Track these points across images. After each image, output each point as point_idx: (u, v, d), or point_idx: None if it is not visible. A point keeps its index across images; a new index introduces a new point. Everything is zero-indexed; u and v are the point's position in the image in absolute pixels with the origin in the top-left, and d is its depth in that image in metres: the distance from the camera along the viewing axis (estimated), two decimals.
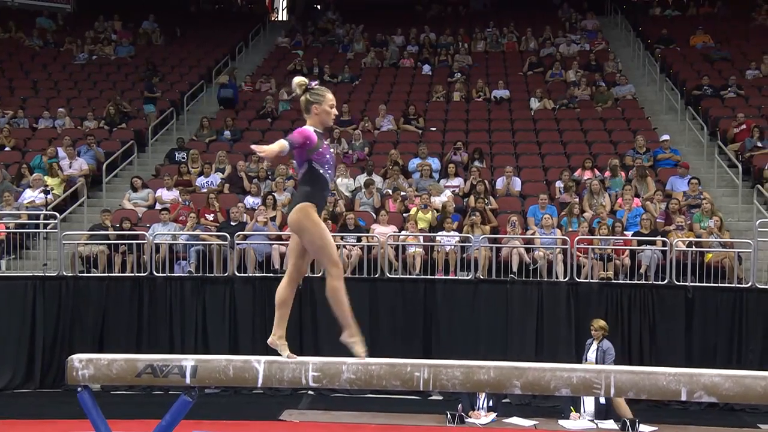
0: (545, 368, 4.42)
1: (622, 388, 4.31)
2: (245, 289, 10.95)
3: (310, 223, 4.40)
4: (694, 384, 4.23)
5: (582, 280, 10.65)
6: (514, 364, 4.50)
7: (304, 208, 4.42)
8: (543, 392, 4.46)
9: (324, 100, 4.47)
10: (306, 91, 4.48)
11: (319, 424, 9.29)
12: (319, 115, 4.47)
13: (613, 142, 14.89)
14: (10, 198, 12.03)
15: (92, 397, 4.62)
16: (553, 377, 4.34)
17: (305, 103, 4.47)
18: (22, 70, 18.45)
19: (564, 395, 4.60)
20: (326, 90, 4.53)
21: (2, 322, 10.68)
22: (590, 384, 4.32)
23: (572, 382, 4.33)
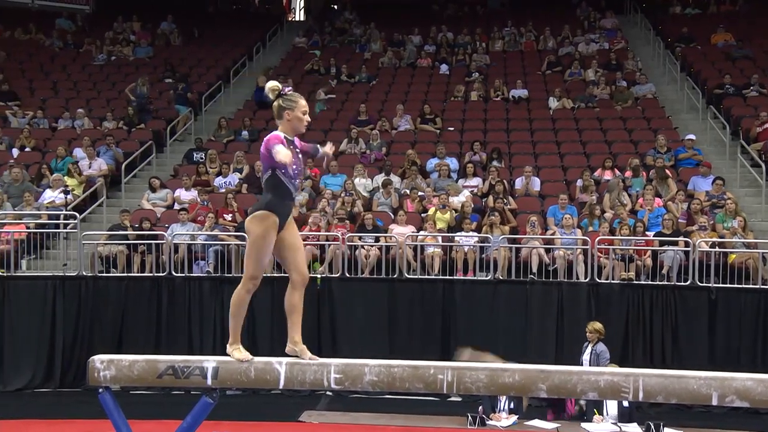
0: (572, 371, 4.39)
1: (650, 392, 4.23)
2: (263, 289, 10.73)
3: (258, 232, 4.40)
4: (726, 388, 4.16)
5: (603, 281, 10.56)
6: (539, 366, 4.45)
7: (261, 216, 4.41)
8: (569, 395, 4.51)
9: (297, 107, 4.43)
10: (279, 96, 4.45)
11: (339, 425, 9.27)
12: (291, 121, 4.43)
13: (634, 141, 14.76)
14: (31, 198, 12.13)
15: (113, 398, 4.64)
16: (579, 380, 4.29)
17: (277, 108, 4.44)
18: (42, 71, 18.60)
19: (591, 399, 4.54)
20: (299, 96, 4.50)
21: (23, 321, 10.75)
22: (618, 388, 4.24)
23: (599, 386, 4.27)
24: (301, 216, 12.06)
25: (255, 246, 4.43)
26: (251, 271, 4.46)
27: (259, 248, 4.41)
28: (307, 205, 12.59)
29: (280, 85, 4.48)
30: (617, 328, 10.46)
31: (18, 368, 10.71)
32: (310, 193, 12.95)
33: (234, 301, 4.52)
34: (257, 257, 4.43)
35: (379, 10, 22.04)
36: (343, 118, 16.17)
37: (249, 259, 4.46)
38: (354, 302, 10.91)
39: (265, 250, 4.43)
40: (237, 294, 4.51)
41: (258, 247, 4.42)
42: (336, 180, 13.20)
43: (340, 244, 10.91)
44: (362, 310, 10.87)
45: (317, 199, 12.66)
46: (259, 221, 4.40)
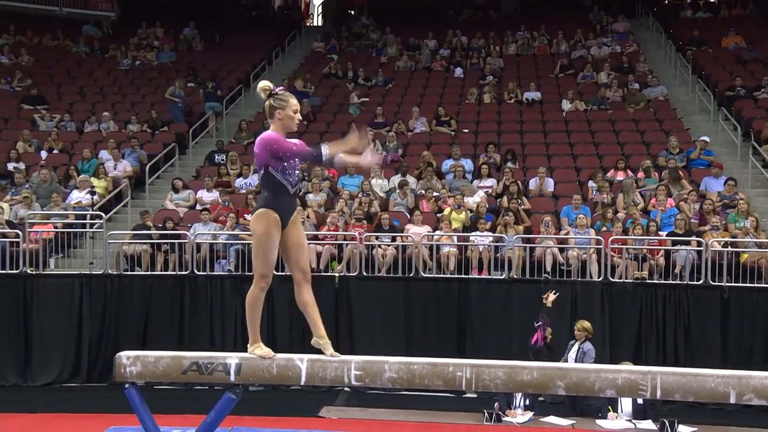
0: (589, 369, 4.40)
1: (668, 389, 4.21)
2: (283, 287, 10.95)
3: (262, 231, 4.45)
4: (744, 386, 4.14)
5: (616, 280, 10.69)
6: (557, 365, 4.47)
7: (260, 214, 4.47)
8: (587, 393, 4.40)
9: (288, 106, 4.45)
10: (270, 96, 4.47)
11: (358, 421, 9.34)
12: (282, 120, 4.46)
13: (646, 143, 14.90)
14: (59, 199, 12.37)
15: (139, 393, 4.71)
16: (597, 378, 4.28)
17: (269, 108, 4.47)
18: (69, 76, 18.91)
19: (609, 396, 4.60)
20: (290, 95, 4.52)
21: (51, 318, 10.99)
22: (636, 385, 4.24)
23: (617, 384, 4.26)
24: (319, 216, 12.33)
25: (260, 244, 4.47)
26: (260, 269, 4.50)
27: (264, 246, 4.45)
28: (325, 205, 12.81)
29: (272, 85, 4.52)
30: (630, 327, 10.59)
31: (46, 364, 10.95)
32: (328, 193, 13.16)
33: (248, 301, 4.55)
34: (264, 255, 4.47)
35: (395, 15, 22.25)
36: (360, 120, 16.38)
37: (257, 259, 4.52)
38: (371, 300, 11.07)
39: (270, 247, 4.46)
40: (250, 294, 4.54)
41: (263, 245, 4.46)
42: (353, 181, 13.43)
43: (357, 243, 11.09)
44: (379, 308, 11.03)
45: (335, 199, 12.87)
46: (260, 219, 4.45)
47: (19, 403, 9.92)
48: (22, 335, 11.01)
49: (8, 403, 9.90)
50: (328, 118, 16.87)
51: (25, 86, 17.47)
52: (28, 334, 11.02)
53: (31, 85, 17.38)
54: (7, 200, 12.50)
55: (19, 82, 17.67)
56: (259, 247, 4.47)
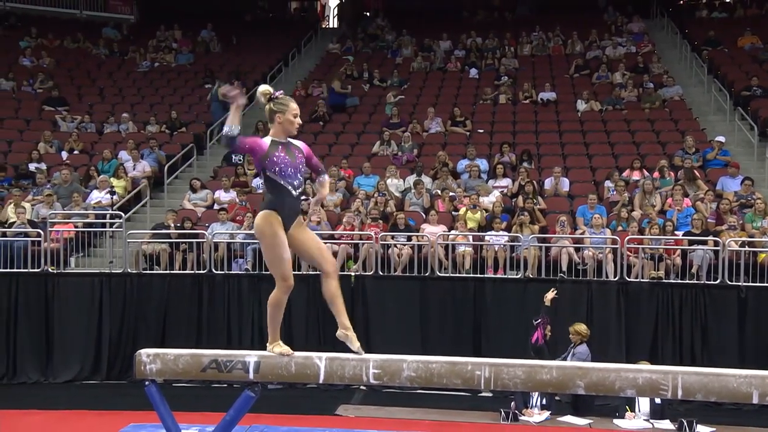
0: (609, 368, 4.33)
1: (689, 389, 4.17)
2: (299, 287, 10.95)
3: (268, 232, 4.47)
4: (767, 386, 4.10)
5: (632, 280, 10.69)
6: (577, 363, 4.48)
7: (264, 216, 4.49)
8: (607, 393, 4.37)
9: (288, 110, 4.49)
10: (270, 100, 4.50)
11: (375, 419, 9.35)
12: (282, 124, 4.50)
13: (662, 142, 14.87)
14: (79, 198, 12.52)
15: (159, 391, 4.74)
16: (618, 378, 4.24)
17: (269, 112, 4.50)
18: (89, 78, 19.11)
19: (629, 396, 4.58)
20: (290, 99, 4.55)
21: (72, 316, 11.13)
22: (657, 385, 4.21)
23: (638, 383, 4.22)
24: (335, 216, 12.42)
25: (269, 246, 4.49)
26: (280, 271, 4.51)
27: (274, 246, 4.46)
28: (341, 205, 12.90)
29: (272, 89, 4.54)
30: (646, 326, 10.59)
31: (67, 361, 11.10)
32: (344, 193, 13.25)
33: (272, 303, 4.59)
34: (279, 255, 4.48)
35: (410, 16, 22.30)
36: (376, 121, 16.49)
37: (273, 261, 4.52)
38: (387, 300, 11.13)
39: (281, 246, 4.46)
40: (275, 297, 4.57)
41: (272, 246, 4.47)
42: (369, 181, 13.51)
43: (373, 243, 11.16)
44: (395, 307, 11.08)
45: (351, 199, 12.95)
46: (265, 221, 4.47)
47: (41, 399, 10.06)
48: (44, 333, 11.15)
49: (30, 399, 10.06)
50: (343, 119, 16.97)
51: (47, 88, 17.70)
52: (49, 332, 11.16)
53: (52, 87, 17.61)
54: (29, 200, 12.66)
55: (41, 84, 17.90)
56: (271, 248, 4.49)
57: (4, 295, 11.06)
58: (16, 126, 16.42)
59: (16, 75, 18.11)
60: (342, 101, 17.10)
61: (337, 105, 17.03)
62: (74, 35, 20.75)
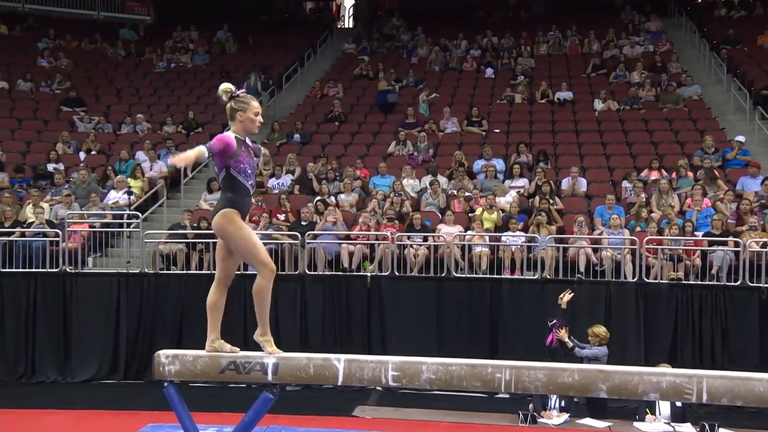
0: (632, 372, 4.29)
1: (715, 393, 4.10)
2: (315, 287, 11.24)
3: (234, 228, 4.45)
4: None
5: (651, 281, 10.60)
6: (599, 367, 4.37)
7: (226, 213, 4.46)
8: (630, 396, 4.31)
9: (249, 108, 4.51)
10: (232, 98, 4.52)
11: (392, 420, 9.35)
12: (243, 122, 4.51)
13: (680, 142, 14.75)
14: (97, 199, 12.59)
15: (178, 392, 4.73)
16: (641, 381, 4.19)
17: (230, 110, 4.51)
18: (106, 78, 19.22)
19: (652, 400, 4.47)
20: (251, 98, 4.57)
21: (89, 316, 11.18)
22: (681, 389, 4.14)
23: (661, 387, 4.16)
24: (351, 216, 12.41)
25: (242, 238, 4.47)
26: (258, 258, 4.47)
27: (244, 237, 4.46)
28: (357, 205, 12.89)
29: (233, 87, 4.56)
30: (666, 328, 10.49)
31: (85, 360, 11.14)
32: (360, 193, 13.24)
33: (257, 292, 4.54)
34: (251, 244, 4.47)
35: (425, 16, 22.25)
36: (392, 121, 16.46)
37: (248, 252, 4.48)
38: (403, 300, 11.10)
39: (251, 234, 4.52)
40: (259, 285, 4.51)
41: (242, 237, 4.47)
42: (385, 181, 13.49)
43: (389, 243, 11.14)
44: (411, 307, 11.05)
45: (367, 199, 12.94)
46: (229, 219, 4.46)
47: (59, 399, 10.12)
48: (62, 333, 11.21)
49: (48, 399, 10.12)
50: (359, 119, 16.95)
51: (64, 89, 17.82)
52: (67, 332, 11.22)
53: (69, 88, 17.72)
54: (48, 200, 12.74)
55: (59, 85, 18.02)
56: (243, 239, 4.47)
57: (23, 295, 11.13)
58: (34, 126, 16.54)
59: (34, 76, 18.26)
60: (384, 99, 16.93)
61: (382, 104, 16.86)
62: (92, 36, 20.88)
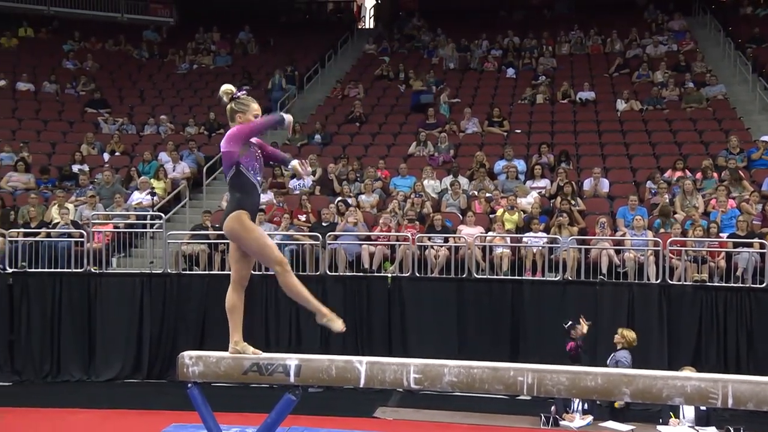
0: (656, 376, 4.24)
1: (740, 398, 4.01)
2: (336, 288, 11.27)
3: (244, 230, 4.45)
4: None
5: (675, 283, 10.49)
6: (623, 370, 4.31)
7: (237, 216, 4.47)
8: (654, 401, 4.26)
9: (249, 110, 4.53)
10: (232, 100, 4.56)
11: (414, 422, 9.37)
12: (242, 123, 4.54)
13: (704, 142, 14.59)
14: (121, 199, 12.71)
15: (201, 393, 4.76)
16: (665, 386, 4.12)
17: (230, 111, 4.55)
18: (130, 80, 19.45)
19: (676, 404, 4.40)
20: (252, 100, 4.59)
21: (113, 316, 11.30)
22: (706, 394, 4.07)
23: (686, 391, 4.10)
24: (371, 217, 12.43)
25: (254, 239, 4.48)
26: (272, 257, 4.49)
27: (256, 239, 4.49)
28: (377, 206, 12.90)
29: (234, 89, 4.60)
30: (689, 331, 10.38)
31: (109, 360, 11.27)
32: (380, 194, 13.25)
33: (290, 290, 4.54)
34: (262, 245, 4.49)
35: (446, 16, 22.22)
36: (412, 121, 16.45)
37: (259, 252, 4.51)
38: (423, 301, 11.10)
39: (262, 235, 4.55)
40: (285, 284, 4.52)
41: (254, 239, 4.48)
42: (405, 182, 13.49)
43: (410, 244, 11.15)
44: (431, 308, 11.04)
45: (387, 200, 12.95)
46: (239, 221, 4.46)
47: (83, 398, 10.26)
48: (86, 332, 11.35)
49: (73, 397, 10.26)
50: (379, 120, 16.96)
51: (89, 90, 18.05)
52: (92, 331, 11.35)
53: (94, 89, 17.96)
54: (72, 201, 12.88)
55: (83, 87, 18.25)
56: (255, 240, 4.49)
57: (48, 295, 11.29)
58: (59, 128, 16.75)
59: (59, 78, 18.49)
60: (417, 99, 16.88)
61: (416, 105, 16.79)
62: (116, 38, 21.12)
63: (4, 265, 11.31)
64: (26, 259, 11.35)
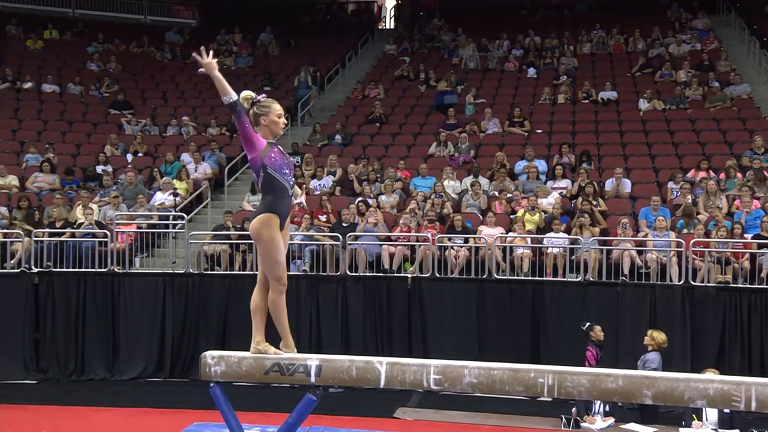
0: (678, 378, 4.20)
1: (764, 401, 3.98)
2: (356, 288, 11.30)
3: (267, 236, 4.47)
4: None
5: (698, 284, 10.39)
6: (644, 373, 4.33)
7: (266, 219, 4.48)
8: (676, 403, 4.23)
9: (271, 111, 4.57)
10: (253, 104, 4.59)
11: (434, 423, 9.37)
12: (267, 125, 4.58)
13: (728, 142, 14.42)
14: (144, 200, 12.84)
15: (224, 392, 4.80)
16: (687, 388, 4.09)
17: (254, 116, 4.57)
18: (152, 81, 19.63)
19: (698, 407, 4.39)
20: (273, 101, 4.63)
21: (136, 315, 11.43)
22: (729, 396, 4.04)
23: (708, 394, 4.07)
24: (391, 217, 12.44)
25: (269, 249, 4.49)
26: (275, 273, 4.52)
27: (272, 250, 4.49)
28: (397, 206, 12.91)
29: (253, 94, 4.63)
30: (713, 333, 10.30)
31: (132, 359, 11.39)
32: (400, 195, 13.25)
33: (272, 308, 4.60)
34: (276, 259, 4.50)
35: (467, 15, 22.16)
36: (433, 121, 16.44)
37: (267, 263, 4.53)
38: (443, 302, 11.09)
39: (279, 249, 4.52)
40: (272, 300, 4.56)
41: (271, 250, 4.49)
42: (426, 182, 13.49)
43: (430, 244, 11.16)
44: (451, 309, 11.03)
45: (407, 200, 12.96)
46: (266, 225, 4.47)
47: (107, 396, 10.39)
48: (110, 331, 11.47)
49: (97, 396, 10.39)
50: (399, 120, 16.96)
51: (113, 92, 18.22)
52: (115, 330, 11.48)
53: (117, 91, 18.13)
54: (96, 201, 13.02)
55: (107, 88, 18.43)
56: (269, 251, 4.51)
57: (73, 294, 11.43)
58: (84, 129, 16.94)
59: (83, 79, 18.70)
60: (444, 101, 16.84)
61: (439, 105, 16.76)
62: (139, 40, 21.32)
63: (30, 264, 11.46)
64: (51, 258, 11.51)
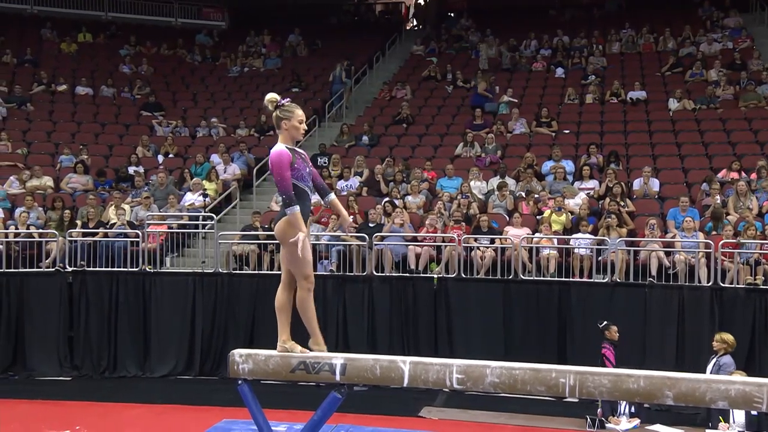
0: (700, 379, 4.22)
1: None
2: (383, 288, 11.37)
3: (294, 235, 4.56)
4: None
5: (727, 286, 10.29)
6: (665, 374, 4.30)
7: (293, 218, 4.57)
8: (697, 404, 4.24)
9: (293, 116, 4.67)
10: (277, 107, 4.70)
11: (459, 422, 9.42)
12: (288, 130, 4.67)
13: (760, 142, 14.21)
14: (174, 200, 13.06)
15: (251, 389, 4.91)
16: (708, 389, 4.10)
17: (276, 119, 4.68)
18: (183, 83, 19.94)
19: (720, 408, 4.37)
20: (296, 107, 4.72)
21: (167, 313, 11.65)
22: (750, 398, 4.02)
23: (730, 395, 4.06)
24: (418, 218, 12.50)
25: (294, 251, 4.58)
26: (304, 271, 4.63)
27: (301, 249, 4.57)
28: (424, 207, 12.96)
29: (278, 97, 4.72)
30: (742, 334, 10.11)
31: (163, 357, 11.62)
32: (426, 195, 13.30)
33: (300, 306, 4.71)
34: (303, 257, 4.60)
35: (495, 15, 22.11)
36: (459, 122, 16.46)
37: (296, 262, 4.62)
38: (469, 302, 11.11)
39: (306, 248, 4.61)
40: (301, 298, 4.68)
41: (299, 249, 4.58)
42: (452, 183, 13.52)
43: (456, 245, 11.19)
44: (477, 310, 11.06)
45: (434, 201, 13.00)
46: (292, 225, 4.57)
47: (139, 393, 10.64)
48: (142, 329, 11.71)
49: (129, 393, 10.64)
50: (426, 121, 17.00)
51: (144, 94, 18.55)
52: (146, 328, 11.71)
53: (149, 93, 18.45)
54: (128, 202, 13.27)
55: (139, 90, 18.76)
56: (296, 252, 4.59)
57: (105, 293, 11.69)
58: (116, 131, 17.26)
59: (115, 82, 19.05)
60: (481, 103, 16.83)
61: (476, 106, 16.65)
62: (170, 43, 21.63)
63: (65, 264, 11.74)
64: (85, 258, 11.77)
